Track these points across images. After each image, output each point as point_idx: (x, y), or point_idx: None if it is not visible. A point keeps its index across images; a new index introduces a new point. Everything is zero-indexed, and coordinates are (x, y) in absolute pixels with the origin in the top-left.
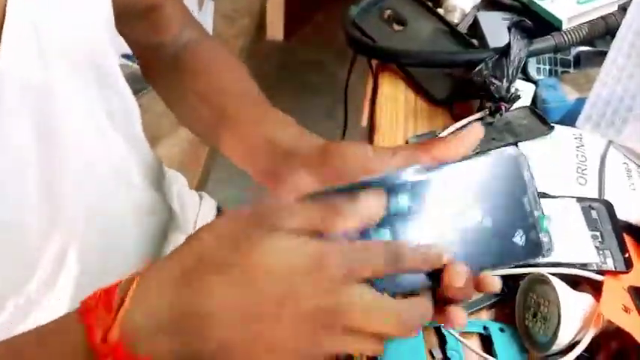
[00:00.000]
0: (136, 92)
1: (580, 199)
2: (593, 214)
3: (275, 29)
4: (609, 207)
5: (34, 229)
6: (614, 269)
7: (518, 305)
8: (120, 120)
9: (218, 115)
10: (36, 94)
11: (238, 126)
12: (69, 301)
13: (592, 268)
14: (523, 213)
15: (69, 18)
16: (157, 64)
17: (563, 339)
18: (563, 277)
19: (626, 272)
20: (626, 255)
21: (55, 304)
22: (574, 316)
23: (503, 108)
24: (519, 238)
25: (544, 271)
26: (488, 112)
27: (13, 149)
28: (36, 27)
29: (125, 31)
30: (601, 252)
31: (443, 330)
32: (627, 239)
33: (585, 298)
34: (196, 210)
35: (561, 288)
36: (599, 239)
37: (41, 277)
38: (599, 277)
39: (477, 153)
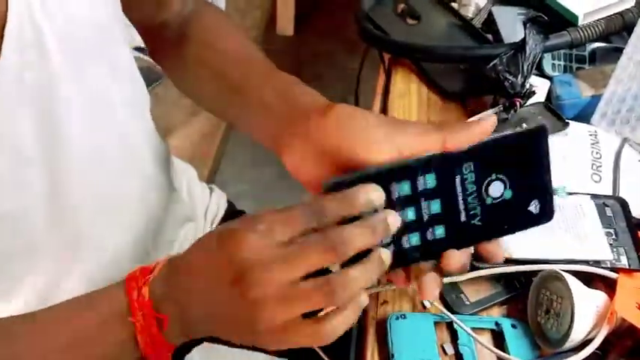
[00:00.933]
0: (149, 84)
1: (594, 196)
2: (608, 211)
3: (285, 24)
4: (624, 204)
5: (41, 222)
6: (628, 267)
7: (531, 302)
8: (134, 108)
9: (226, 88)
10: (34, 87)
11: (244, 98)
12: (84, 291)
13: (606, 266)
14: (542, 184)
15: (72, 6)
16: (162, 43)
17: (575, 336)
18: (577, 275)
19: None
20: None
21: (68, 294)
22: (587, 314)
23: (518, 104)
24: (534, 207)
25: (557, 267)
26: (502, 108)
27: (12, 144)
28: (34, 19)
29: (129, 11)
30: (615, 249)
31: (455, 326)
32: None
33: (599, 296)
34: (206, 202)
35: (575, 285)
36: (614, 237)
37: (48, 271)
38: (613, 275)
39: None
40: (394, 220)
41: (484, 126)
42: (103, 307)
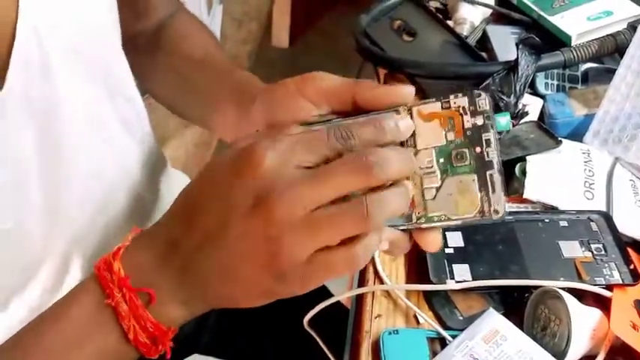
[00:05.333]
0: (143, 94)
1: (579, 212)
2: (593, 226)
3: (280, 36)
4: (608, 218)
5: (37, 235)
6: (621, 282)
7: (528, 315)
8: (131, 125)
9: (189, 91)
10: (39, 108)
11: (202, 96)
12: None
13: (601, 283)
14: None
15: (77, 25)
16: (135, 51)
17: (570, 359)
18: (570, 290)
19: (634, 284)
20: (632, 266)
21: None
22: (583, 337)
23: (511, 124)
24: None
25: (552, 284)
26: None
27: (14, 160)
28: (41, 41)
29: None
30: (607, 265)
31: (447, 342)
32: (634, 256)
33: (595, 315)
34: None
35: (573, 306)
36: (603, 252)
37: (44, 283)
38: (607, 294)
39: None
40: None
41: (394, 91)
42: (80, 303)
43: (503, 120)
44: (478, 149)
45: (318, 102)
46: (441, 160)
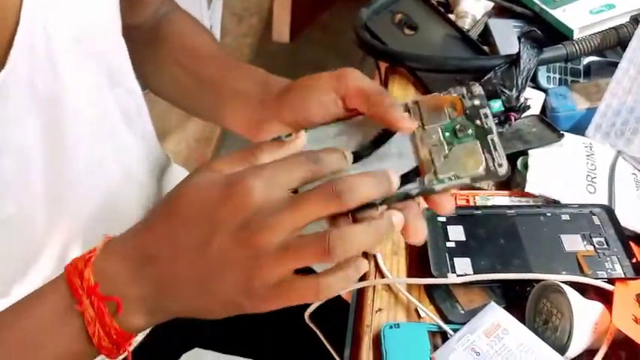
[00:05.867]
0: (144, 88)
1: (581, 205)
2: (595, 220)
3: (281, 31)
4: (610, 212)
5: (39, 222)
6: (623, 276)
7: (530, 309)
8: (132, 118)
9: (201, 83)
10: (43, 96)
11: (219, 90)
12: None
13: (603, 276)
14: None
15: (80, 14)
16: (131, 43)
17: (572, 352)
18: (572, 284)
19: (636, 278)
20: (634, 260)
21: None
22: (585, 331)
23: (513, 118)
24: None
25: (554, 278)
26: (497, 122)
27: (17, 148)
28: (46, 29)
29: None
30: (609, 259)
31: (449, 335)
32: (636, 249)
33: (596, 309)
34: None
35: (574, 300)
36: (605, 245)
37: (44, 272)
38: (609, 287)
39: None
40: (395, 177)
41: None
42: (48, 303)
43: (496, 104)
44: (478, 122)
45: (348, 99)
46: (447, 134)
